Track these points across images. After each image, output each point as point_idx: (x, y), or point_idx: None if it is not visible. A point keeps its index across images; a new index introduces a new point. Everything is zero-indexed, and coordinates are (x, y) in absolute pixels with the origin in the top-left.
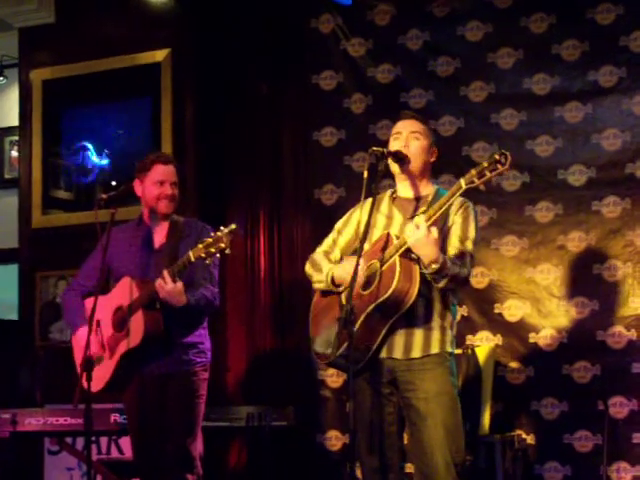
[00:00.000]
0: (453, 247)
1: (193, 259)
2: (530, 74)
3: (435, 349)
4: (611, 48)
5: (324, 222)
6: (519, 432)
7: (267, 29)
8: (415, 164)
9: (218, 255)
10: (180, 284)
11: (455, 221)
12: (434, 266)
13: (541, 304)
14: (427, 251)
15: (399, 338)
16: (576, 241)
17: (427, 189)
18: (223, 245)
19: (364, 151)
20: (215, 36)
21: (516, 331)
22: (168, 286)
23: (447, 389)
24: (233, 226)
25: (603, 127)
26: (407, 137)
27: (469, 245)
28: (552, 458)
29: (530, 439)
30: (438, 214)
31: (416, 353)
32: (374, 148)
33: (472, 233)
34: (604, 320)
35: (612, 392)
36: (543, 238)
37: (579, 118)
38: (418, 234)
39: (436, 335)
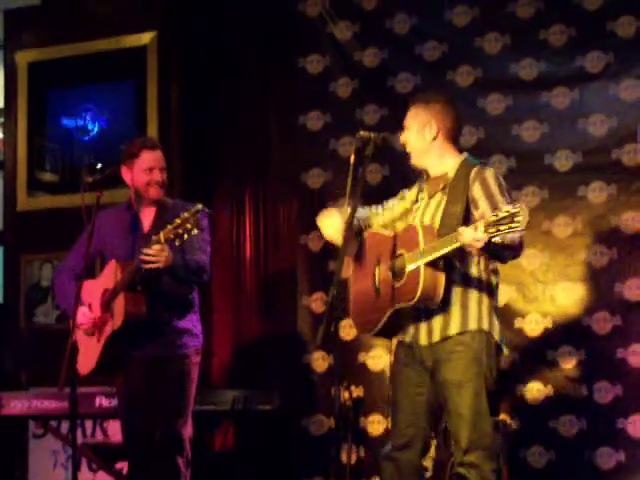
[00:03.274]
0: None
1: (163, 240)
2: (517, 59)
3: (454, 330)
4: (598, 33)
5: (310, 206)
6: (504, 416)
7: (253, 13)
8: (412, 153)
9: (186, 236)
10: (160, 246)
11: (477, 196)
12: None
13: (526, 289)
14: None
15: (422, 323)
16: (562, 226)
17: (446, 165)
18: (189, 226)
19: (350, 135)
20: (201, 19)
21: (501, 316)
22: (150, 251)
23: (466, 378)
24: (199, 206)
25: (590, 112)
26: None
27: (503, 209)
28: (536, 442)
29: (515, 423)
30: None
31: (436, 337)
32: (361, 133)
33: (499, 197)
34: (589, 305)
35: (597, 377)
36: (529, 223)
37: (566, 103)
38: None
39: (456, 315)
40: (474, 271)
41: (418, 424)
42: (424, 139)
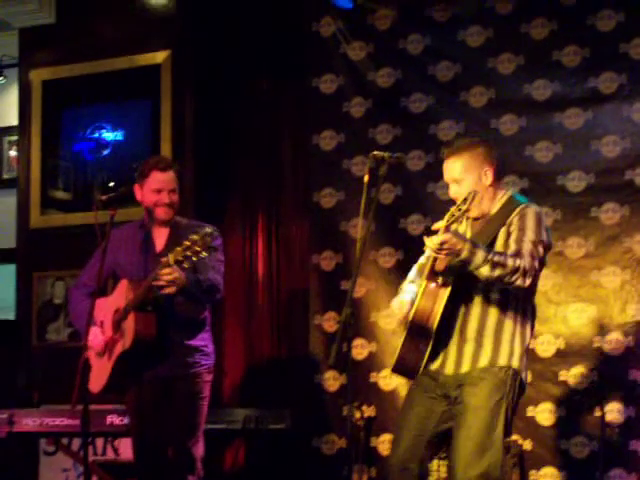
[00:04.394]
0: (509, 249)
1: (172, 262)
2: (530, 80)
3: (483, 363)
4: (611, 55)
5: (323, 225)
6: (516, 438)
7: (267, 32)
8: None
9: (195, 259)
10: (171, 269)
11: (512, 230)
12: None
13: (539, 310)
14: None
15: (452, 353)
16: (574, 247)
17: (494, 205)
18: (198, 248)
19: (363, 155)
20: (215, 38)
21: None
22: (164, 277)
23: (487, 404)
24: (208, 230)
25: (603, 133)
26: (451, 185)
27: (526, 245)
28: (548, 464)
29: (526, 445)
30: None
31: (465, 368)
32: (375, 153)
33: (530, 235)
34: (602, 327)
35: (609, 398)
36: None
37: (579, 124)
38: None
39: (487, 349)
40: (510, 306)
41: (419, 448)
42: (483, 187)
